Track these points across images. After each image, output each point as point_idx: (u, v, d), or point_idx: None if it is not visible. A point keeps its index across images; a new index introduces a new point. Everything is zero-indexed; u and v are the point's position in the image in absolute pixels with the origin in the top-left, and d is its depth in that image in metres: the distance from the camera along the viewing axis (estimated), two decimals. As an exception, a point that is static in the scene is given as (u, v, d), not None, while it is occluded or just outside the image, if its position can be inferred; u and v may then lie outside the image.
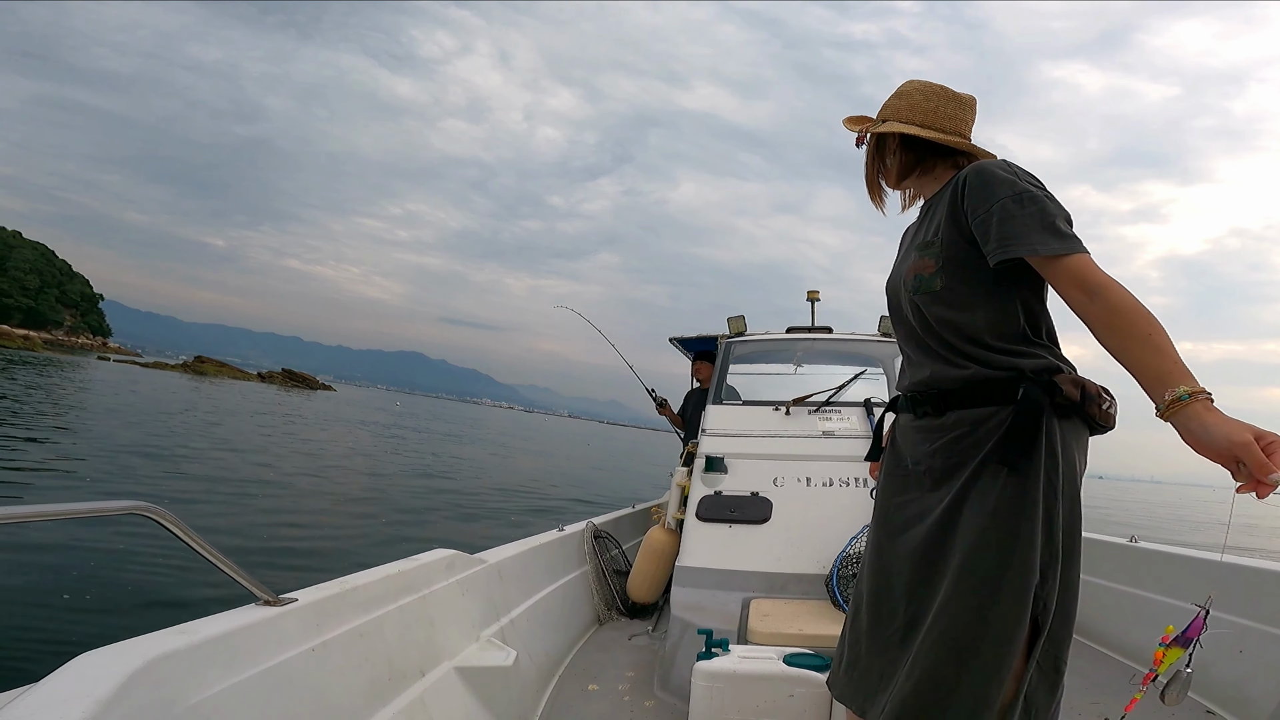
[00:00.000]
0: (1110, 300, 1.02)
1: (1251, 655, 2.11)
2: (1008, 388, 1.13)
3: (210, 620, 1.26)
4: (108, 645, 1.06)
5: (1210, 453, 0.90)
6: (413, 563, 1.97)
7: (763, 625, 2.32)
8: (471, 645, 2.07)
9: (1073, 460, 1.11)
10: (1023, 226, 1.08)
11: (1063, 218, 1.10)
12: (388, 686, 1.61)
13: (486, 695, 1.94)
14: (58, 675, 0.93)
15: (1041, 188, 1.14)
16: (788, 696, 1.86)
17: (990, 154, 1.30)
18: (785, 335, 4.18)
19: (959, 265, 1.19)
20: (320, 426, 21.04)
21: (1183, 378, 0.94)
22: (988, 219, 1.12)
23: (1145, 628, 2.60)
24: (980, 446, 1.13)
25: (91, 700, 0.85)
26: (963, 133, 1.31)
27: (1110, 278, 1.04)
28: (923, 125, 1.29)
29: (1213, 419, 0.90)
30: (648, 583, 3.42)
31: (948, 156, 1.32)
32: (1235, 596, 2.22)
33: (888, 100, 1.37)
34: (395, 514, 9.06)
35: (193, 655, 1.13)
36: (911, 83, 1.35)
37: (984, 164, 1.19)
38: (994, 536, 1.08)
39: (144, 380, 30.93)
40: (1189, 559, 2.59)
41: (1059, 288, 1.09)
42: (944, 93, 1.31)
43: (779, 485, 3.06)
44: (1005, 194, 1.11)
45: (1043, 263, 1.09)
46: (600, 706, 2.33)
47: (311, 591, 1.54)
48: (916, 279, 1.24)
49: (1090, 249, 1.07)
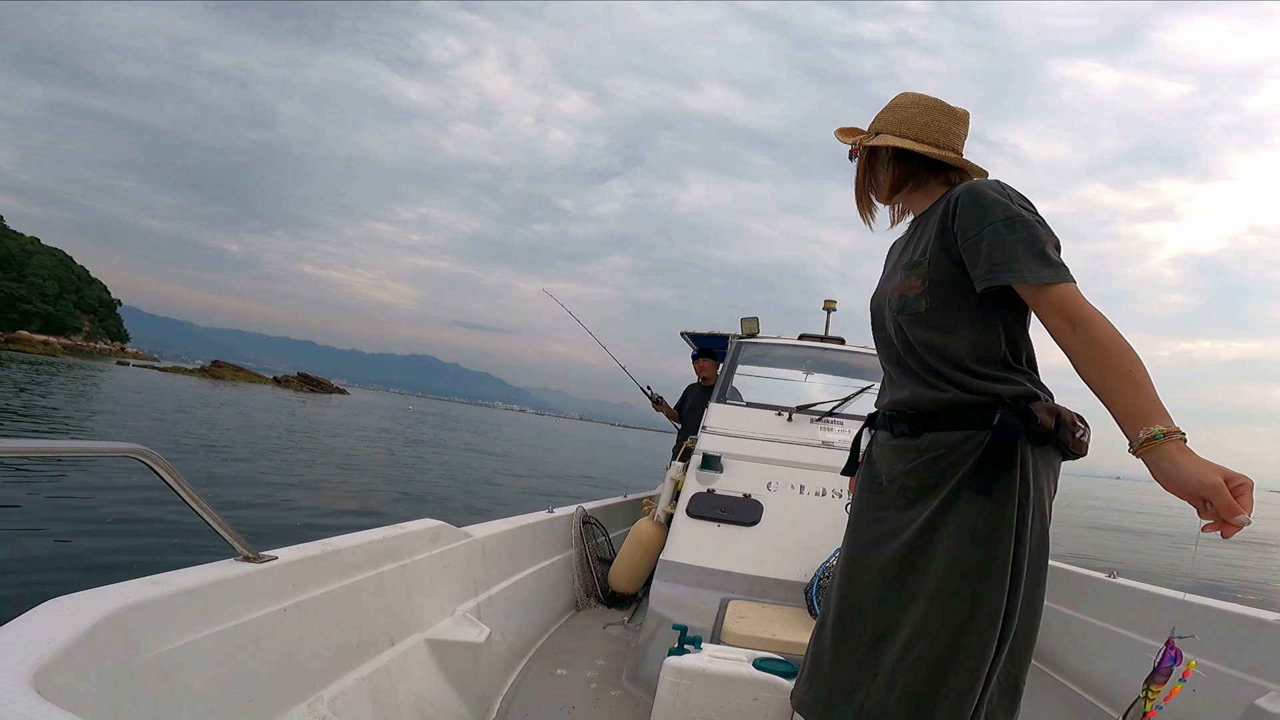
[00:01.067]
0: (1094, 333, 1.02)
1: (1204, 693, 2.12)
2: (984, 412, 1.14)
3: (185, 573, 1.27)
4: (79, 591, 1.07)
5: (1180, 492, 0.91)
6: (398, 530, 1.99)
7: (737, 627, 2.33)
8: (446, 619, 2.08)
9: (1043, 486, 1.13)
10: (1012, 252, 1.08)
11: (1052, 244, 1.09)
12: (355, 652, 1.63)
13: (454, 670, 1.96)
14: (23, 620, 0.94)
15: (1033, 211, 1.13)
16: (752, 700, 1.87)
17: (982, 170, 1.29)
18: (796, 342, 4.16)
19: (945, 287, 1.18)
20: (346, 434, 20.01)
21: (1158, 416, 0.94)
22: (977, 243, 1.12)
23: (1119, 663, 2.60)
24: (955, 470, 1.14)
25: (51, 646, 0.86)
26: (955, 148, 1.29)
27: (1095, 310, 1.04)
28: (916, 139, 1.27)
29: (1185, 460, 0.90)
30: (630, 573, 3.44)
31: (940, 172, 1.30)
32: (1191, 633, 2.21)
33: (881, 112, 1.35)
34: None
35: (163, 606, 1.14)
36: (905, 95, 1.33)
37: (976, 185, 1.17)
38: (972, 560, 1.09)
39: (165, 385, 31.83)
40: (1161, 597, 2.59)
41: (1043, 315, 1.09)
42: (938, 106, 1.29)
43: (772, 490, 3.06)
44: (996, 218, 1.11)
45: (1029, 290, 1.08)
46: (566, 692, 2.35)
47: (292, 551, 1.55)
48: (901, 299, 1.23)
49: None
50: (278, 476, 9.76)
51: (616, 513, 4.35)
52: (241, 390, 37.45)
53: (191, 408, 20.32)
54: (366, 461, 14.02)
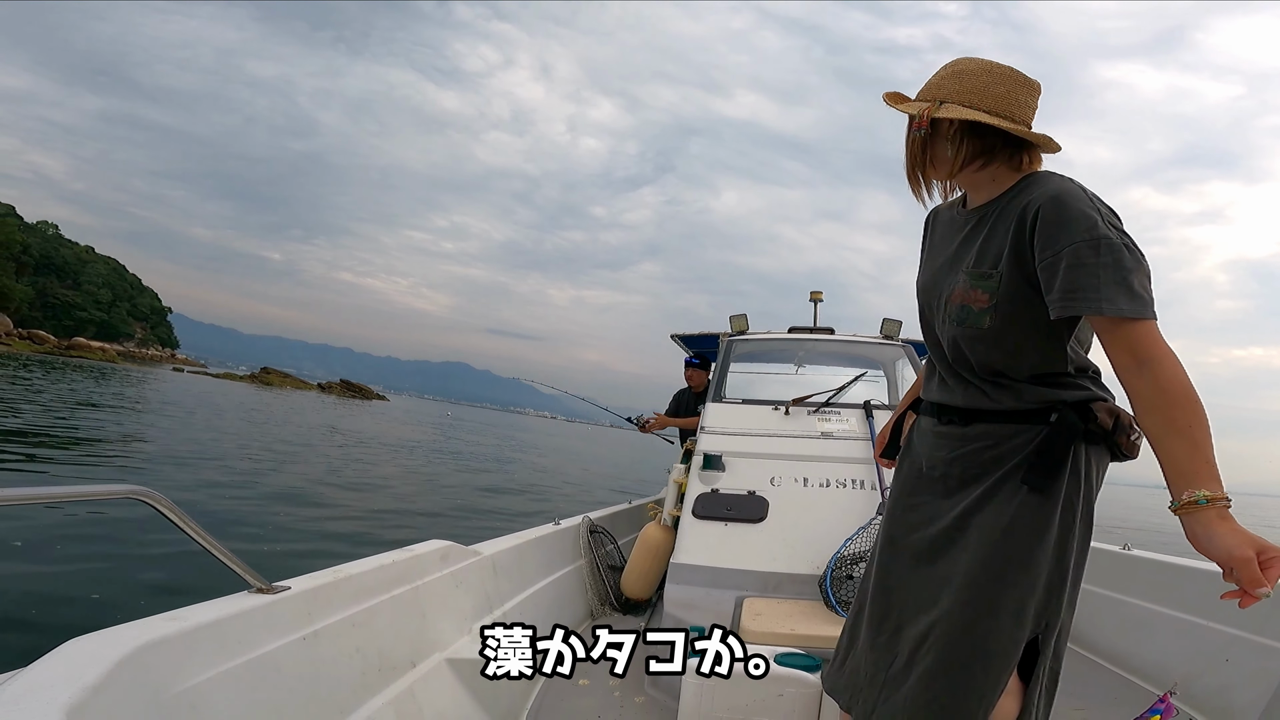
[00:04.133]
0: (1160, 377, 0.95)
1: (1237, 664, 2.12)
2: (1042, 412, 1.11)
3: (202, 607, 1.26)
4: (98, 630, 1.06)
5: (1210, 556, 0.91)
6: (407, 553, 1.98)
7: (755, 624, 2.32)
8: (464, 637, 2.07)
9: (1093, 485, 1.11)
10: (1092, 278, 0.98)
11: (1142, 273, 0.99)
12: (378, 677, 1.62)
13: (477, 688, 1.94)
14: (47, 660, 0.94)
15: (1121, 230, 1.02)
16: (777, 696, 1.86)
17: (1056, 144, 1.15)
18: (787, 335, 4.17)
19: (1014, 305, 1.08)
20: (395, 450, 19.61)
21: (1207, 480, 0.91)
22: (1055, 263, 1.01)
23: (1134, 635, 2.61)
24: (1002, 462, 1.12)
25: (79, 686, 0.86)
26: (1030, 122, 1.15)
27: (1169, 350, 0.96)
28: (991, 112, 1.11)
29: (1222, 529, 0.89)
30: (642, 579, 3.43)
31: (1010, 149, 1.15)
32: (1225, 606, 2.22)
33: (939, 78, 1.17)
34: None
35: (183, 642, 1.13)
36: (972, 61, 1.16)
37: (1062, 194, 1.04)
38: (1002, 554, 1.08)
39: (222, 391, 33.34)
40: (1180, 567, 2.59)
41: (1110, 349, 1.00)
42: (1014, 75, 1.13)
43: (776, 485, 3.06)
44: (1080, 237, 1.00)
45: (1104, 322, 0.99)
46: (590, 702, 2.34)
47: (305, 580, 1.54)
48: (963, 310, 1.14)
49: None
50: (428, 503, 10.59)
51: (622, 519, 4.33)
52: (291, 396, 39.03)
53: (271, 418, 21.49)
54: (507, 486, 14.87)
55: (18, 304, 66.62)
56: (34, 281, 76.02)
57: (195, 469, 9.44)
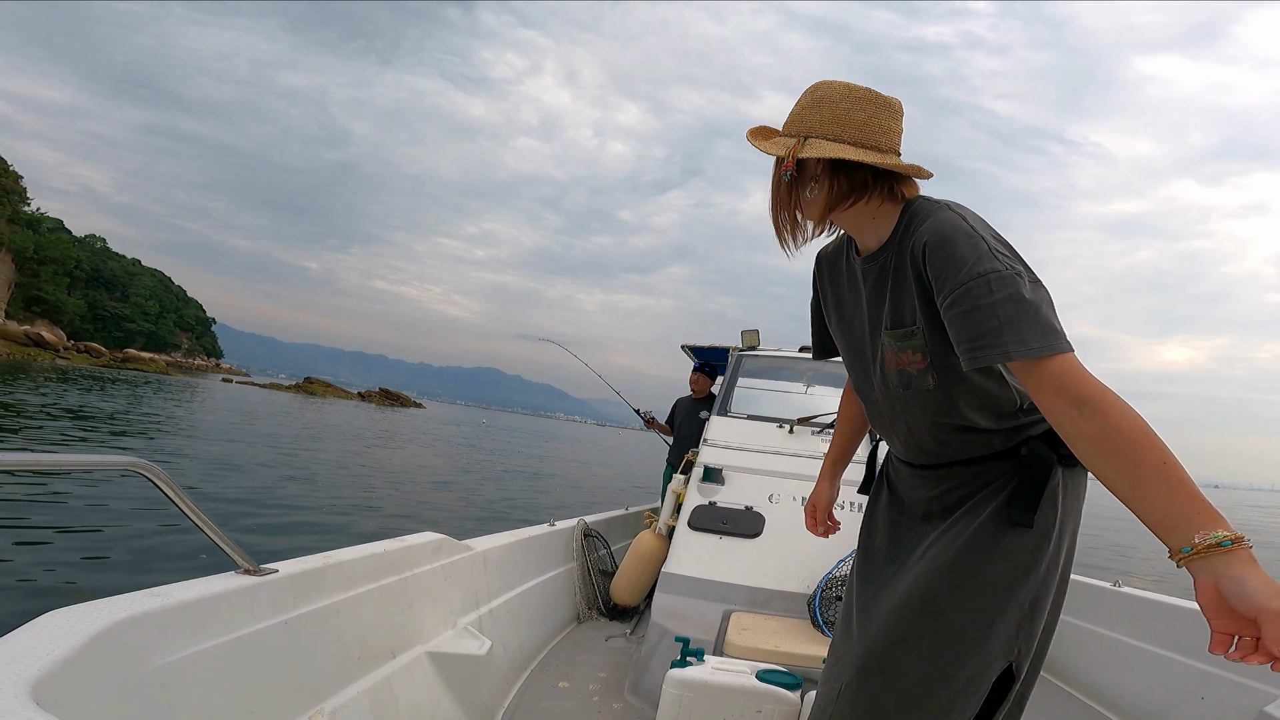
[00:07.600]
0: (1109, 415, 0.82)
1: (1212, 700, 2.11)
2: (1013, 450, 1.09)
3: (185, 585, 1.27)
4: (78, 604, 1.07)
5: (1243, 609, 0.73)
6: (399, 543, 1.99)
7: (740, 639, 2.31)
8: (447, 631, 2.08)
9: (1071, 508, 1.09)
10: (991, 320, 0.89)
11: (1044, 303, 0.90)
12: (356, 665, 1.62)
13: (455, 683, 1.95)
14: (22, 631, 0.94)
15: (1011, 256, 0.94)
16: (755, 712, 1.85)
17: (927, 171, 1.06)
18: (797, 354, 4.17)
19: (950, 357, 1.00)
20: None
21: (1211, 519, 0.76)
22: (951, 309, 0.94)
23: (1126, 673, 2.58)
24: (977, 495, 1.10)
25: (50, 658, 0.87)
26: (898, 149, 1.07)
27: (1103, 386, 0.84)
28: (856, 143, 1.03)
29: (1257, 577, 0.73)
30: (632, 586, 3.42)
31: (882, 181, 1.07)
32: (1202, 641, 2.21)
33: (801, 108, 1.08)
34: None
35: (163, 619, 1.14)
36: (830, 86, 1.06)
37: (942, 228, 0.97)
38: (979, 582, 1.06)
39: (271, 400, 34.07)
40: (1161, 604, 2.58)
41: (1037, 395, 0.89)
42: (874, 99, 1.05)
43: (774, 502, 3.05)
44: (968, 275, 0.91)
45: (1020, 366, 0.89)
46: (568, 704, 2.33)
47: (293, 563, 1.55)
48: (902, 375, 1.08)
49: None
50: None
51: (618, 525, 4.34)
52: (335, 406, 40.37)
53: (339, 433, 21.44)
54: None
55: (70, 317, 68.55)
56: (85, 294, 77.95)
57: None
